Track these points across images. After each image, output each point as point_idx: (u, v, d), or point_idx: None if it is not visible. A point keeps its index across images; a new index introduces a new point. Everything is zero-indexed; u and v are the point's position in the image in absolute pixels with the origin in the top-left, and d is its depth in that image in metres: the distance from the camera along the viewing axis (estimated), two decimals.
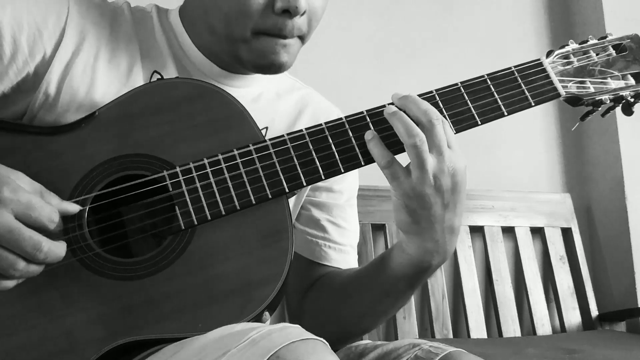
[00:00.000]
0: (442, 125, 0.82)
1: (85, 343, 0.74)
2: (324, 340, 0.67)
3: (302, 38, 0.92)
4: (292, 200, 1.04)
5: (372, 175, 1.24)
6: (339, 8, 2.16)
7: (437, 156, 0.80)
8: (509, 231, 2.16)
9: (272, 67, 0.91)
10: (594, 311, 2.14)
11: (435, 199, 0.81)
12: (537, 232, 2.22)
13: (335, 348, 1.02)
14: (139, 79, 0.92)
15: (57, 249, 0.72)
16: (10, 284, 0.71)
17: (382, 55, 2.21)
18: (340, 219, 1.07)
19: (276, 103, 1.03)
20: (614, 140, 2.27)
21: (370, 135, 0.84)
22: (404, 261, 0.88)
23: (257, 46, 0.89)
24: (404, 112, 0.83)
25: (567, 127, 2.38)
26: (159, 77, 0.93)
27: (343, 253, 1.06)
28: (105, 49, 0.91)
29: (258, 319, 0.78)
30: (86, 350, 0.73)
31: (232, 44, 0.91)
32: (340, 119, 0.86)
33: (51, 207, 0.71)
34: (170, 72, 0.95)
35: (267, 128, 1.00)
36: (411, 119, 0.82)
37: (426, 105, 0.83)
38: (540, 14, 2.48)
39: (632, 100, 0.95)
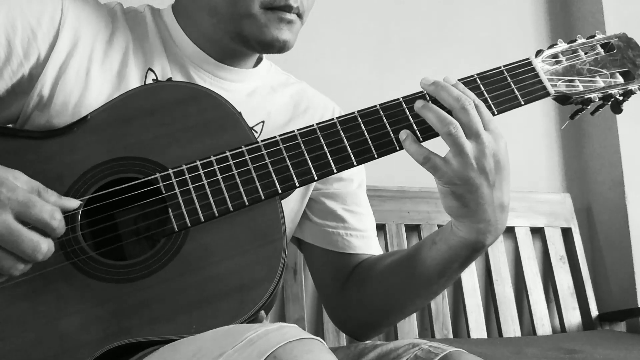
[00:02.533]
0: (478, 108, 0.83)
1: (79, 346, 0.74)
2: (321, 340, 0.67)
3: (301, 17, 0.94)
4: (297, 195, 1.04)
5: (371, 175, 1.24)
6: (338, 8, 2.16)
7: (475, 140, 0.81)
8: (508, 231, 2.16)
9: (276, 42, 0.92)
10: (594, 311, 2.13)
11: (480, 180, 0.82)
12: (537, 232, 2.21)
13: (383, 330, 1.08)
14: (133, 78, 0.92)
15: (53, 247, 0.72)
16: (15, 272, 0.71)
17: (381, 55, 2.21)
18: (355, 205, 1.08)
19: (271, 97, 1.04)
20: (614, 140, 2.26)
21: (404, 135, 0.85)
22: (457, 243, 0.88)
23: (263, 21, 0.91)
24: (436, 98, 0.85)
25: (567, 127, 2.38)
26: (154, 74, 0.94)
27: (365, 239, 1.07)
28: (98, 50, 0.91)
29: (253, 319, 0.78)
30: (80, 353, 0.73)
31: (236, 22, 0.92)
32: (332, 119, 0.86)
33: (51, 205, 0.71)
34: (165, 69, 0.95)
35: (263, 122, 1.00)
36: (444, 106, 0.84)
37: (457, 92, 0.84)
38: (540, 14, 2.47)
39: (620, 98, 0.95)
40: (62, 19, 0.88)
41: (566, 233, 2.22)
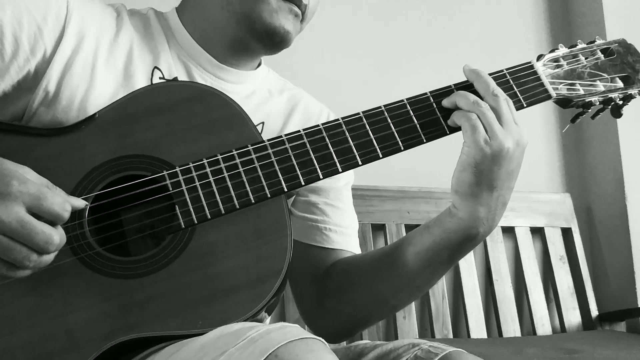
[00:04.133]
0: (507, 102, 0.87)
1: (86, 341, 0.74)
2: (323, 340, 0.67)
3: (304, 19, 0.99)
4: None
5: (372, 175, 1.25)
6: (338, 8, 2.16)
7: (505, 126, 0.85)
8: (509, 231, 2.16)
9: (281, 30, 0.95)
10: (594, 311, 2.14)
11: (504, 162, 0.84)
12: (537, 232, 2.22)
13: (360, 330, 1.05)
14: (139, 75, 0.94)
15: (64, 238, 0.73)
16: (25, 272, 0.71)
17: (381, 55, 2.21)
18: (338, 201, 1.08)
19: (269, 100, 1.06)
20: (614, 140, 2.27)
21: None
22: (452, 227, 0.88)
23: (274, 6, 0.94)
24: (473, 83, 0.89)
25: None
26: (160, 73, 0.96)
27: (345, 235, 1.06)
28: (104, 47, 0.93)
29: (258, 316, 0.78)
30: (87, 348, 0.74)
31: (247, 3, 0.95)
32: (337, 119, 0.87)
33: (62, 197, 0.72)
34: (170, 68, 0.97)
35: (263, 123, 1.02)
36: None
37: (494, 83, 0.88)
38: (541, 15, 2.48)
39: (620, 102, 0.97)
40: (68, 16, 0.90)
41: (566, 233, 2.22)
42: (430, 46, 2.28)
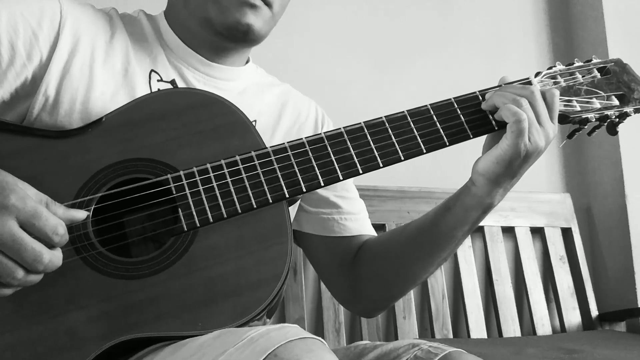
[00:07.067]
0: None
1: (87, 340, 0.75)
2: (322, 340, 0.68)
3: (270, 6, 0.96)
4: None
5: (371, 175, 1.24)
6: (337, 9, 2.16)
7: (543, 124, 0.89)
8: (509, 231, 2.16)
9: (239, 25, 0.95)
10: (594, 311, 2.14)
11: (533, 159, 0.90)
12: (537, 232, 2.22)
13: (392, 304, 1.19)
14: (138, 77, 0.95)
15: (58, 260, 0.72)
16: (7, 291, 0.71)
17: (380, 56, 2.21)
18: (345, 191, 1.13)
19: (261, 96, 1.08)
20: (614, 140, 2.27)
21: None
22: (473, 204, 0.95)
23: (225, 4, 0.94)
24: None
25: (566, 129, 2.38)
26: (158, 75, 0.97)
27: (359, 221, 1.13)
28: (100, 49, 0.94)
29: (258, 319, 0.79)
30: (87, 346, 0.75)
31: (203, 8, 0.96)
32: (339, 129, 0.89)
33: (57, 219, 0.71)
34: (167, 70, 0.99)
35: (255, 121, 1.03)
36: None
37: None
38: (541, 15, 2.48)
39: (616, 120, 0.99)
40: (62, 20, 0.92)
41: (566, 233, 2.22)
42: (430, 47, 2.28)
